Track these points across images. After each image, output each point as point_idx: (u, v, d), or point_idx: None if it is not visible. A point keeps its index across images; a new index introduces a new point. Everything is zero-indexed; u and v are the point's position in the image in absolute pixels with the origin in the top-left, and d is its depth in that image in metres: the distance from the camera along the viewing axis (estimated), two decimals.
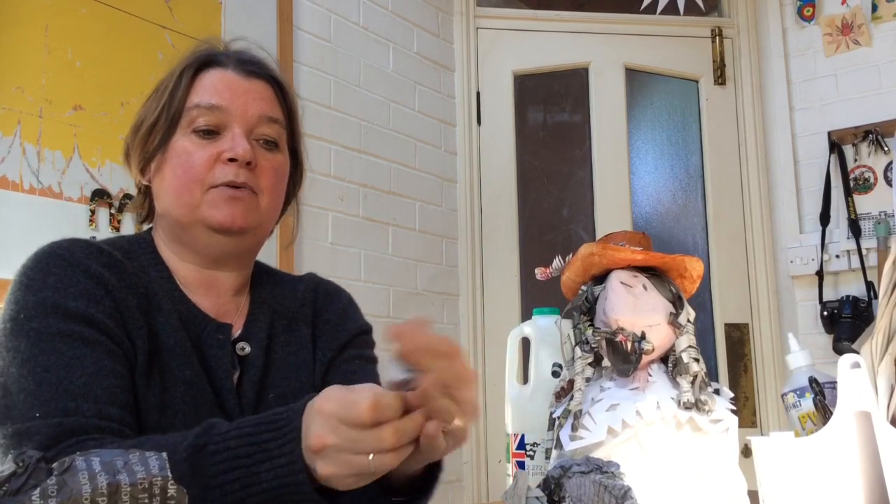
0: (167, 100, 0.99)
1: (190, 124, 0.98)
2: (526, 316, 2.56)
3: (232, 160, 0.96)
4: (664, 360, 1.00)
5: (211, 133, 0.98)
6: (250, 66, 1.03)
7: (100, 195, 1.84)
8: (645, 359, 0.96)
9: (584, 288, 1.05)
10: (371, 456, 0.67)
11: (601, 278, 1.03)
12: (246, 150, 0.96)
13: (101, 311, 0.89)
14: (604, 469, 0.72)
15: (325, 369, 1.06)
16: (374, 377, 1.09)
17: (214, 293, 1.02)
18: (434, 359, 0.69)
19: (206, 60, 1.02)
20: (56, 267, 0.90)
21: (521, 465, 1.16)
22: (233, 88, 0.99)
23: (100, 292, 0.90)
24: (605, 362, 1.01)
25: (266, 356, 1.01)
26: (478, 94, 3.00)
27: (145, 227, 1.08)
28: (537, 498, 0.73)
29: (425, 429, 0.69)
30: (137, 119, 1.02)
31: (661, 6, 3.13)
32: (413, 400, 0.69)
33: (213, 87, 0.99)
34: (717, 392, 0.98)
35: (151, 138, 0.99)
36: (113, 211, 1.85)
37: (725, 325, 3.02)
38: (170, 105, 0.99)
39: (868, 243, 2.81)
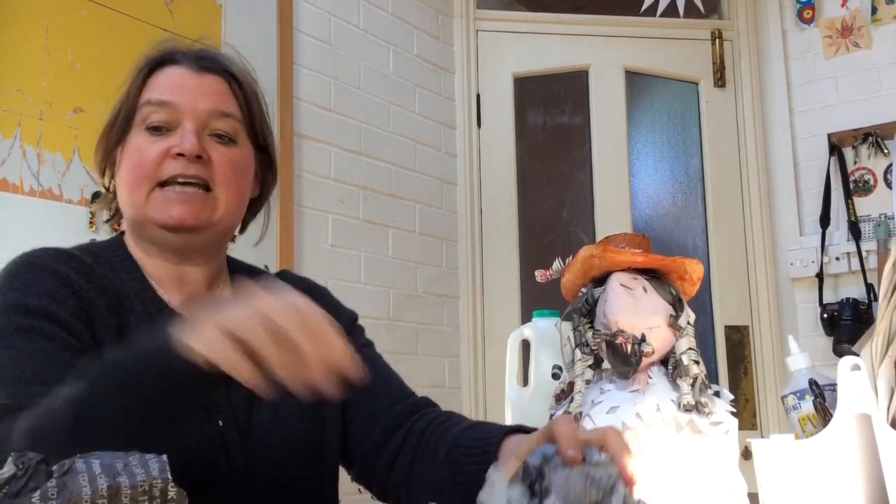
0: (123, 99, 1.00)
1: (143, 121, 0.98)
2: (526, 318, 2.56)
3: (180, 155, 0.96)
4: (664, 362, 1.00)
5: (162, 129, 0.98)
6: (204, 62, 1.02)
7: (100, 197, 1.84)
8: (645, 361, 0.96)
9: (584, 290, 1.05)
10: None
11: (601, 280, 1.03)
12: (193, 144, 0.96)
13: (64, 309, 0.89)
14: (587, 458, 0.68)
15: None
16: (381, 359, 1.11)
17: (186, 289, 1.02)
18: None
19: (161, 59, 1.02)
20: (24, 271, 0.92)
21: None
22: (183, 84, 0.99)
23: (65, 292, 0.91)
24: (606, 364, 1.01)
25: None
26: (478, 96, 3.00)
27: (116, 225, 1.09)
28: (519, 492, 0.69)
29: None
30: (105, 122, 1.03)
31: (660, 8, 3.13)
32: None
33: (164, 84, 1.00)
34: (717, 394, 0.98)
35: (110, 137, 1.01)
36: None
37: (725, 327, 3.01)
38: (125, 104, 1.00)
39: (868, 245, 2.81)
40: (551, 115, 3.13)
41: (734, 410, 0.97)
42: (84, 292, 0.92)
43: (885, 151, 2.85)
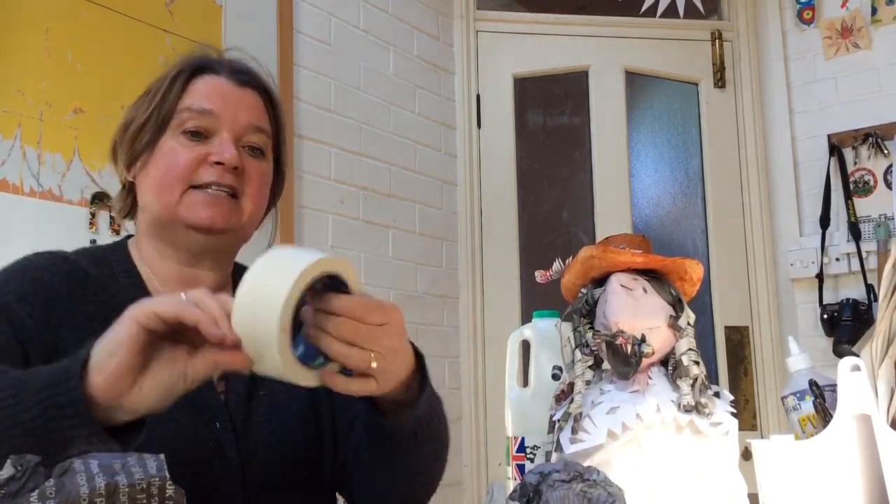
0: (159, 101, 1.01)
1: (180, 126, 1.00)
2: (526, 318, 2.56)
3: (219, 164, 0.98)
4: (664, 362, 1.00)
5: (199, 136, 1.00)
6: (243, 76, 1.05)
7: (100, 198, 1.84)
8: (645, 361, 0.96)
9: (583, 290, 1.05)
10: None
11: (601, 281, 1.03)
12: (233, 155, 0.99)
13: (24, 309, 0.91)
14: (585, 476, 0.68)
15: None
16: None
17: None
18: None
19: (200, 66, 1.04)
20: (13, 268, 0.96)
21: (521, 468, 1.16)
22: (225, 95, 1.02)
23: (37, 298, 0.92)
24: (606, 365, 1.01)
25: None
26: (478, 96, 3.00)
27: (127, 222, 1.10)
28: None
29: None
30: (126, 118, 1.04)
31: (660, 9, 3.13)
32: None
33: (205, 92, 1.02)
34: (717, 395, 0.98)
35: (140, 137, 1.02)
36: (113, 214, 1.85)
37: (725, 327, 3.01)
38: (161, 106, 1.01)
39: (868, 246, 2.81)
40: (551, 115, 3.13)
41: (734, 411, 0.97)
42: (65, 300, 0.94)
43: (885, 152, 2.85)
